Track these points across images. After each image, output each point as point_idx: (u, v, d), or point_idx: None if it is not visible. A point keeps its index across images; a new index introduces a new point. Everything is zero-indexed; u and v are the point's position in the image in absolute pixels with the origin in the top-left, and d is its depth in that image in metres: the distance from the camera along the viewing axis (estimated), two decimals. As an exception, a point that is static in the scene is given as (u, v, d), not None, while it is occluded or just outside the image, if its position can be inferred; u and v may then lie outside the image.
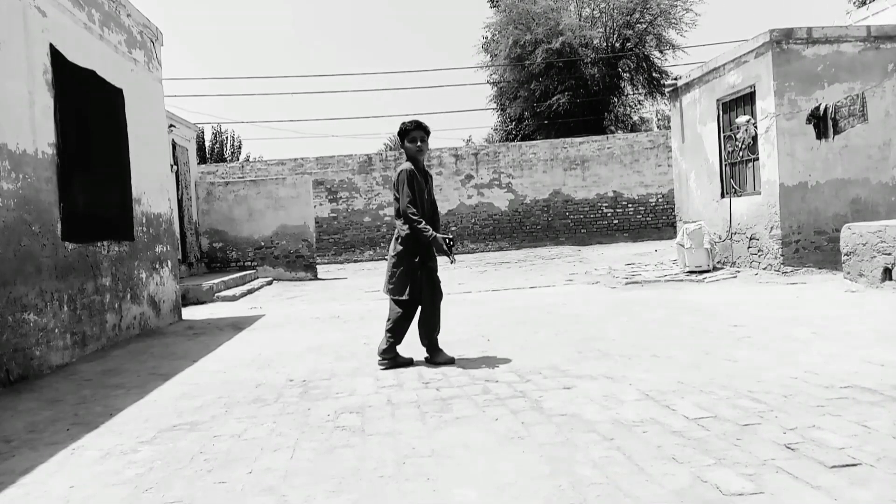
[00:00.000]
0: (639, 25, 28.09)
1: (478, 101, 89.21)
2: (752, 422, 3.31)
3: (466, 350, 5.69)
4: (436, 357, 5.21)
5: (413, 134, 5.20)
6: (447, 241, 5.12)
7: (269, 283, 14.80)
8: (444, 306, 8.90)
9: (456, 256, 5.37)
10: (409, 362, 5.23)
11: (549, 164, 22.37)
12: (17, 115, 5.62)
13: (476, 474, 2.86)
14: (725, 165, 11.50)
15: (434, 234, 5.09)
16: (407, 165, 5.21)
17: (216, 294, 11.63)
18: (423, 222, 5.09)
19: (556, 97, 26.93)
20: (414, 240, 5.14)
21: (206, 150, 38.05)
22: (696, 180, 12.59)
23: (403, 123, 5.29)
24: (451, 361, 5.18)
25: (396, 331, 5.22)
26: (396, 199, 5.22)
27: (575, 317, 7.24)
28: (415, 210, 5.09)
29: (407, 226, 5.13)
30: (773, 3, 73.40)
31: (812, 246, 9.98)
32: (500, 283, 11.71)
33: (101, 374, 5.58)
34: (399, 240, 5.21)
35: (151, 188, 8.57)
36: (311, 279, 15.74)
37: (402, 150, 4.97)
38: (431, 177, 5.51)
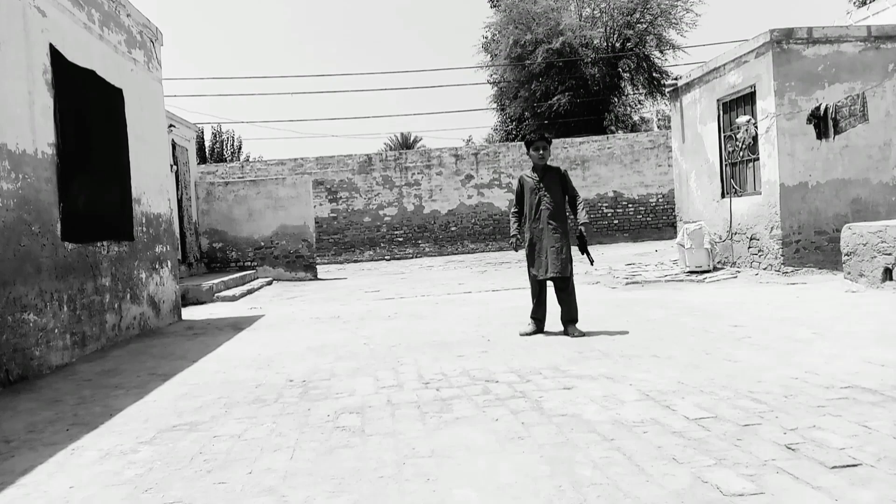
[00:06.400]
0: (639, 25, 28.06)
1: (478, 101, 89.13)
2: (753, 422, 3.31)
3: (466, 350, 5.68)
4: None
5: (537, 144, 6.28)
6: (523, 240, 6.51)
7: (269, 284, 14.79)
8: (444, 307, 9.01)
9: (519, 247, 6.69)
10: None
11: (549, 164, 22.32)
12: (16, 114, 5.62)
13: (476, 475, 2.85)
14: (726, 165, 11.49)
15: (514, 237, 6.57)
16: (523, 173, 6.48)
17: (216, 294, 11.62)
18: (515, 224, 6.56)
19: (556, 97, 26.90)
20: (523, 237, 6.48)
21: (206, 151, 37.99)
22: (696, 180, 12.58)
23: (529, 135, 6.43)
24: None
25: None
26: None
27: (575, 317, 7.22)
28: (515, 212, 6.56)
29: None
30: (773, 3, 73.38)
31: (812, 246, 9.98)
32: (500, 283, 11.70)
33: (100, 375, 5.58)
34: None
35: (151, 188, 8.57)
36: (310, 279, 15.73)
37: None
38: (559, 171, 6.40)
